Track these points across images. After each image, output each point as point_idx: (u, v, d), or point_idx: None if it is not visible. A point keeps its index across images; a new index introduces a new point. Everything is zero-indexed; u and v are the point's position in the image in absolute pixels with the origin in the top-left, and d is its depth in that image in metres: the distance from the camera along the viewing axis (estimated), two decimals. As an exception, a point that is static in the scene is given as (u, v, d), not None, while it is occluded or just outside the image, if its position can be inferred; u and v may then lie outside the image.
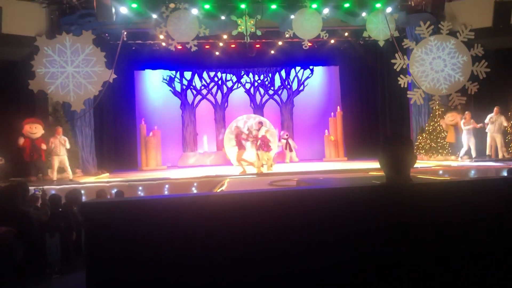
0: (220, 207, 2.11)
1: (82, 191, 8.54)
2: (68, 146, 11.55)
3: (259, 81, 18.02)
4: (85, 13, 12.64)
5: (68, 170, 11.53)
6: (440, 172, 11.13)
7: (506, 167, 10.76)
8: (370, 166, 11.88)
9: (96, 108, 13.65)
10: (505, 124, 12.68)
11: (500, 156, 12.66)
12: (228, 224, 2.06)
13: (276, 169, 13.30)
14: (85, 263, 2.09)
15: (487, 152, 12.89)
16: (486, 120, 12.74)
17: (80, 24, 12.74)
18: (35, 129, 11.60)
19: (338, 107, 17.29)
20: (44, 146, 11.43)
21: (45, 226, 5.45)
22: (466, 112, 13.09)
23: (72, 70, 12.61)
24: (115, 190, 9.11)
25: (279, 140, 16.78)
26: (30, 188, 6.96)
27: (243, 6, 12.80)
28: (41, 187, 8.08)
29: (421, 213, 2.11)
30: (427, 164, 12.39)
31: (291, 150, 16.44)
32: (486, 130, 12.89)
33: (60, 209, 6.06)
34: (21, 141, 11.30)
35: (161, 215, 2.08)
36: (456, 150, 13.49)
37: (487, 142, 12.93)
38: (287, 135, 16.58)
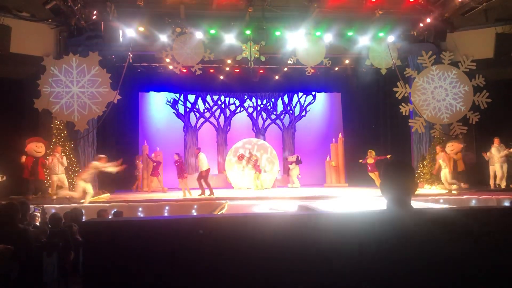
0: (220, 229, 2.12)
1: (83, 211, 8.51)
2: (65, 163, 11.57)
3: (261, 106, 18.14)
4: (92, 35, 12.86)
5: (66, 189, 11.49)
6: (441, 200, 11.08)
7: (508, 198, 10.73)
8: (370, 193, 11.84)
9: (100, 128, 13.73)
10: (503, 153, 12.72)
11: (502, 186, 12.69)
12: (226, 246, 2.06)
13: (278, 193, 13.28)
14: (81, 284, 2.09)
15: (492, 185, 12.87)
16: (496, 151, 12.78)
17: (87, 45, 12.95)
18: (40, 148, 11.69)
19: (340, 133, 17.35)
20: (46, 166, 11.48)
21: (43, 245, 5.41)
22: (438, 147, 13.17)
23: (77, 90, 12.75)
24: (115, 210, 9.08)
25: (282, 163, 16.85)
26: (30, 206, 6.95)
27: (248, 32, 13.01)
28: (40, 206, 8.06)
29: (422, 240, 2.11)
30: (428, 192, 12.32)
31: (288, 175, 16.48)
32: (487, 159, 12.95)
33: (60, 228, 6.04)
34: (23, 158, 11.35)
35: (160, 235, 2.09)
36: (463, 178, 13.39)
37: (490, 173, 12.92)
38: (291, 158, 16.53)
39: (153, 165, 14.72)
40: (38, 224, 6.58)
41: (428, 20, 13.14)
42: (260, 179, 15.30)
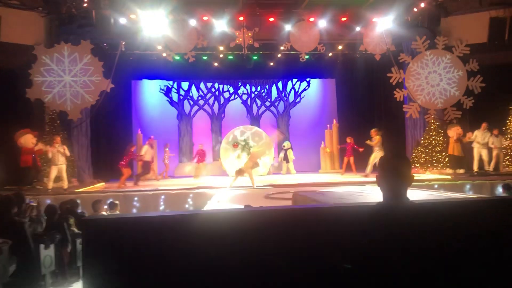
0: (215, 224, 2.12)
1: (78, 201, 8.49)
2: (68, 154, 11.54)
3: (256, 93, 18.08)
4: (84, 23, 12.68)
5: (64, 179, 11.45)
6: (436, 186, 11.16)
7: (501, 182, 10.82)
8: (365, 179, 11.91)
9: (93, 118, 13.64)
10: (490, 141, 12.88)
11: (486, 168, 12.92)
12: (224, 241, 2.07)
13: (273, 180, 13.32)
14: (79, 275, 2.11)
15: (475, 168, 13.05)
16: (474, 137, 12.95)
17: (79, 34, 12.78)
18: (35, 139, 11.60)
19: (334, 119, 17.36)
20: (49, 154, 11.34)
21: (40, 237, 5.41)
22: (372, 130, 13.47)
23: (69, 79, 12.63)
24: (110, 200, 9.07)
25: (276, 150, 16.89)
26: (25, 198, 6.92)
27: (241, 18, 12.90)
28: (36, 198, 8.03)
29: (418, 232, 2.12)
30: (423, 178, 12.40)
31: (287, 162, 16.48)
32: (472, 145, 13.08)
33: (56, 220, 6.03)
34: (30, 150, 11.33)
35: (158, 231, 2.09)
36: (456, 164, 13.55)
37: (474, 157, 13.09)
38: (284, 146, 16.59)
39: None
40: (34, 216, 6.56)
41: (422, 5, 13.08)
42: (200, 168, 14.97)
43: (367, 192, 7.14)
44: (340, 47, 15.10)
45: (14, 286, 4.66)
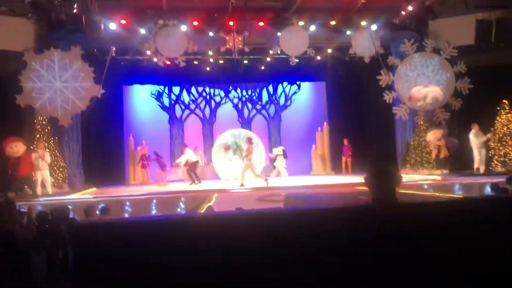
0: (210, 228, 2.14)
1: (70, 207, 8.44)
2: (48, 160, 11.40)
3: (246, 96, 18.14)
4: (73, 28, 12.64)
5: (48, 185, 11.34)
6: (425, 186, 11.25)
7: (489, 181, 10.93)
8: (356, 181, 11.98)
9: (84, 123, 13.60)
10: (483, 139, 13.01)
11: (481, 170, 13.02)
12: (219, 245, 2.09)
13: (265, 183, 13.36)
14: (71, 281, 2.12)
15: (476, 166, 13.18)
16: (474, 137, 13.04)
17: (69, 39, 12.73)
18: (16, 148, 11.44)
19: (325, 122, 17.45)
20: (34, 157, 11.20)
21: (31, 243, 5.40)
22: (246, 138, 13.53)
23: (60, 85, 12.58)
24: (102, 206, 9.03)
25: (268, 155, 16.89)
26: (16, 204, 6.89)
27: (231, 23, 12.96)
28: (27, 204, 7.99)
29: (407, 234, 2.15)
30: (413, 179, 12.49)
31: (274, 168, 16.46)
32: (471, 145, 13.21)
33: (47, 227, 6.01)
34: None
35: (152, 236, 2.10)
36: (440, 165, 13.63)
37: (475, 158, 13.21)
38: (277, 150, 16.49)
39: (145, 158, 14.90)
40: (24, 222, 6.53)
41: (410, 8, 13.22)
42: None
43: (356, 193, 7.20)
44: (329, 51, 15.20)
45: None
